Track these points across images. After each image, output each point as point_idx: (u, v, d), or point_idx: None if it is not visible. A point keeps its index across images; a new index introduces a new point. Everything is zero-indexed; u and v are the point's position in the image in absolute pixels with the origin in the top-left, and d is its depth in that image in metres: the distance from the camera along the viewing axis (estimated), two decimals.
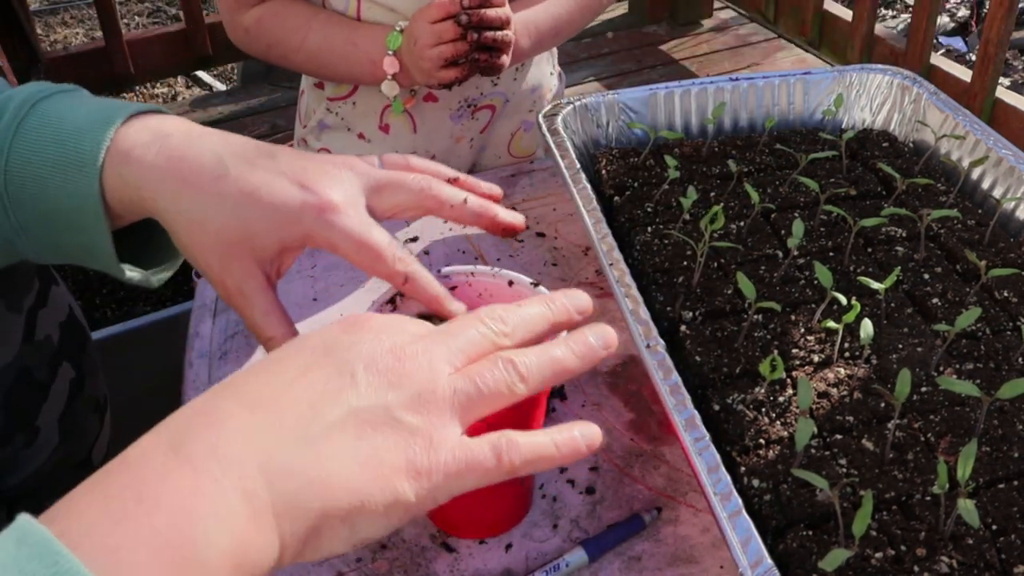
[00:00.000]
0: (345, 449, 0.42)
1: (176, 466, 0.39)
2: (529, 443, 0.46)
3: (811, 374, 0.71)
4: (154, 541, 0.36)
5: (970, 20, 3.37)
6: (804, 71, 1.07)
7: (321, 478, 0.41)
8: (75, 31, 3.72)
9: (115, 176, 0.58)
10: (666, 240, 0.86)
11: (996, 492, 0.62)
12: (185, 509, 0.37)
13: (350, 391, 0.44)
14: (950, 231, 0.87)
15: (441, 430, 0.44)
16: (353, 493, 0.41)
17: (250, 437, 0.41)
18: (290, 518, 0.40)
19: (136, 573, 0.35)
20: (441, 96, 1.15)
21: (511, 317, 0.50)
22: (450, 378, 0.46)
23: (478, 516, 0.70)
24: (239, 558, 0.38)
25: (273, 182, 0.58)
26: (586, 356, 0.50)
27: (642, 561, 0.68)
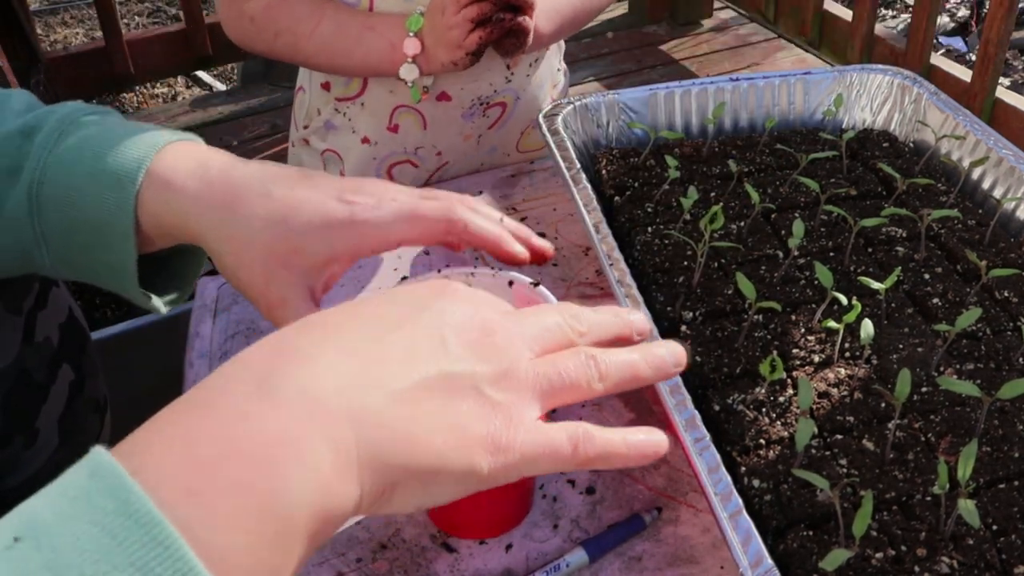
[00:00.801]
0: (433, 411, 0.42)
1: (261, 408, 0.38)
2: (604, 438, 0.46)
3: (811, 374, 0.71)
4: (236, 489, 0.35)
5: (970, 20, 3.37)
6: (804, 71, 1.07)
7: (408, 435, 0.41)
8: (75, 31, 3.72)
9: (158, 202, 0.59)
10: (666, 240, 0.86)
11: (996, 492, 0.62)
12: (270, 457, 0.36)
13: (441, 355, 0.43)
14: (950, 231, 0.87)
15: (521, 410, 0.44)
16: (436, 456, 0.41)
17: (341, 382, 0.40)
18: (372, 471, 0.40)
19: (215, 519, 0.34)
20: (455, 95, 1.13)
21: (585, 317, 0.50)
22: (532, 362, 0.46)
23: (479, 516, 0.70)
24: (321, 508, 0.37)
25: (316, 197, 0.60)
26: (659, 369, 0.50)
27: (642, 561, 0.68)
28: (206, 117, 2.78)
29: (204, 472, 0.35)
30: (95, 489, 0.32)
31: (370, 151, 1.18)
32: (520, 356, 0.46)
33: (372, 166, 1.20)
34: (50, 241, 0.61)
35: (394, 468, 0.40)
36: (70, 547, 0.31)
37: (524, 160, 1.25)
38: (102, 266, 0.62)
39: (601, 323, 0.51)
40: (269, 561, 0.35)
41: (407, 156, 1.19)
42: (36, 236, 0.61)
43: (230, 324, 0.91)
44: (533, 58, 1.18)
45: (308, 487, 0.37)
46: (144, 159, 0.60)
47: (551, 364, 0.46)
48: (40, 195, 0.60)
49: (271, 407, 0.38)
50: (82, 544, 0.31)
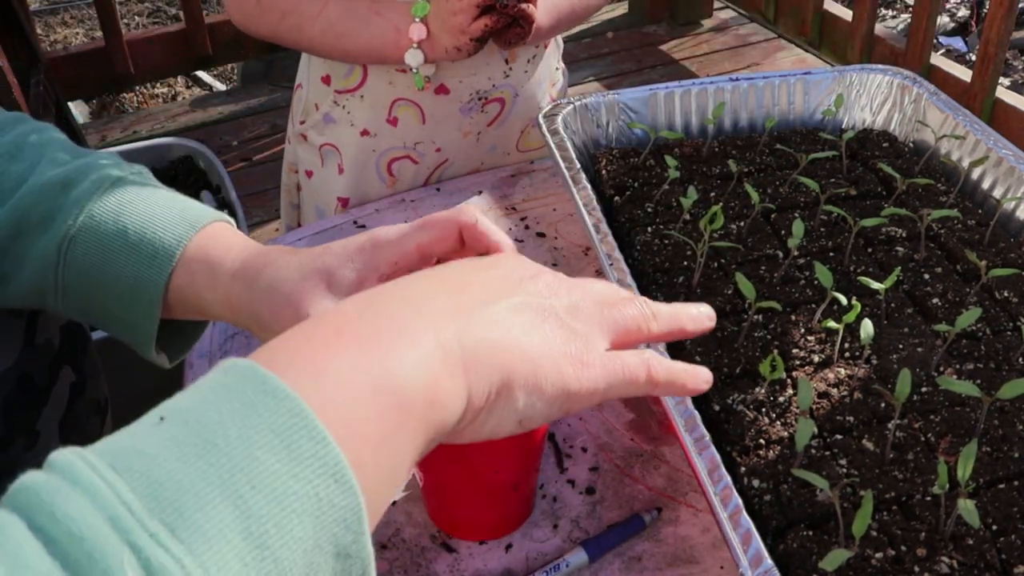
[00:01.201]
0: (522, 326, 0.46)
1: (372, 315, 0.42)
2: (670, 364, 0.51)
3: (811, 374, 0.71)
4: (357, 364, 0.39)
5: (970, 20, 3.37)
6: (804, 71, 1.07)
7: (504, 344, 0.45)
8: (75, 31, 3.72)
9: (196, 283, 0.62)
10: (666, 240, 0.86)
11: (996, 492, 0.62)
12: (384, 343, 0.40)
13: (520, 290, 0.48)
14: (950, 231, 0.87)
15: (593, 339, 0.49)
16: (531, 363, 0.45)
17: (439, 303, 0.45)
18: (477, 372, 0.43)
19: (340, 391, 0.37)
20: (453, 87, 1.13)
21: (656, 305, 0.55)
22: (597, 304, 0.51)
23: (481, 517, 0.70)
24: (432, 394, 0.40)
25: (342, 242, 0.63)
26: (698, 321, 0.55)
27: (642, 561, 0.68)
28: (206, 117, 2.78)
29: (326, 353, 0.39)
30: (231, 379, 0.36)
31: (369, 143, 1.18)
32: (586, 298, 0.50)
33: (372, 159, 1.19)
34: (69, 292, 0.63)
35: (496, 373, 0.44)
36: (214, 421, 0.34)
37: (524, 160, 1.24)
38: (118, 323, 0.65)
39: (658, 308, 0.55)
40: (389, 436, 0.38)
41: (406, 151, 1.19)
42: (56, 284, 0.63)
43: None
44: (531, 54, 1.17)
45: (419, 371, 0.40)
46: (184, 237, 0.62)
47: (613, 307, 0.51)
48: (70, 251, 0.62)
49: (381, 315, 0.42)
50: (225, 417, 0.34)
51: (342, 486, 0.34)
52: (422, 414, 0.40)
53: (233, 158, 2.57)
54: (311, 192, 1.27)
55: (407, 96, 1.13)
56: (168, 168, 1.44)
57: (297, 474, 0.34)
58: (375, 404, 0.38)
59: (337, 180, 1.21)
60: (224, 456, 0.33)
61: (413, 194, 1.10)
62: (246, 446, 0.33)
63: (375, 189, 1.21)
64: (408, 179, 1.21)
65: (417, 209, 1.07)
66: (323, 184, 1.24)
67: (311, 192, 1.27)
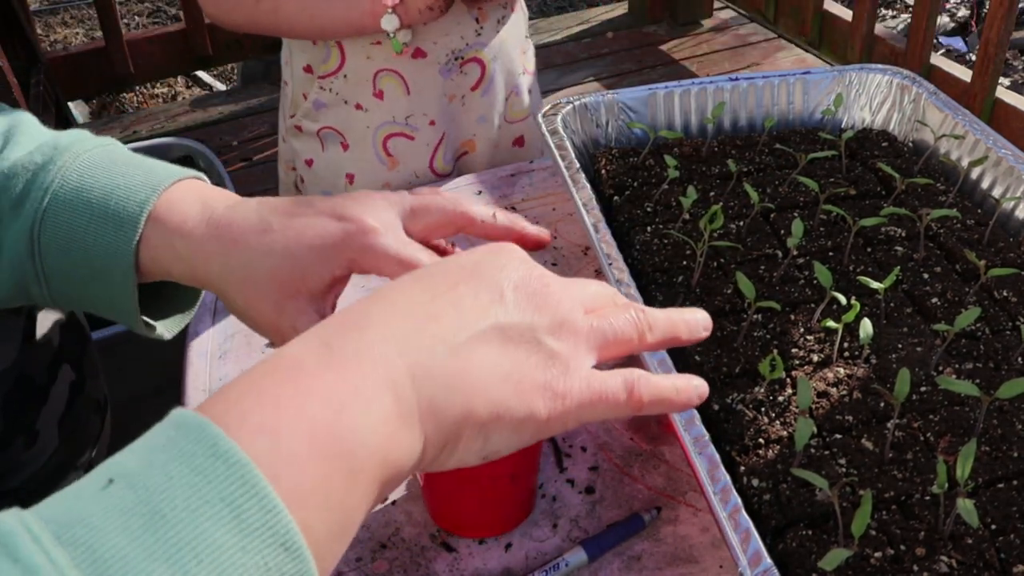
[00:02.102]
0: (489, 360, 0.44)
1: (328, 362, 0.41)
2: (656, 383, 0.49)
3: (810, 374, 0.71)
4: (310, 427, 0.37)
5: (970, 20, 3.37)
6: (804, 71, 1.07)
7: (464, 384, 0.43)
8: (75, 31, 3.72)
9: (161, 247, 0.60)
10: (666, 240, 0.86)
11: (995, 492, 0.62)
12: (338, 400, 0.39)
13: (498, 307, 0.46)
14: (949, 231, 0.87)
15: (577, 359, 0.47)
16: (493, 402, 0.43)
17: (398, 340, 0.43)
18: (434, 419, 0.42)
19: (292, 456, 0.36)
20: (429, 50, 1.17)
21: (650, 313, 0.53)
22: (587, 316, 0.48)
23: (482, 515, 0.70)
24: (386, 452, 0.40)
25: (313, 222, 0.60)
26: (693, 330, 0.54)
27: (642, 561, 0.68)
28: (206, 117, 2.78)
29: (281, 414, 0.37)
30: (181, 437, 0.35)
31: (363, 118, 1.21)
32: (576, 310, 0.48)
33: (368, 136, 1.22)
34: (50, 279, 0.62)
35: (454, 416, 0.42)
36: (162, 487, 0.33)
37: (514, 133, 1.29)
38: (102, 302, 0.63)
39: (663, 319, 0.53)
40: (341, 499, 0.38)
41: (399, 127, 1.22)
42: (36, 273, 0.61)
43: (230, 324, 0.91)
44: (500, 15, 1.22)
45: (374, 430, 0.39)
46: (146, 202, 0.60)
47: (603, 318, 0.49)
48: (42, 234, 0.60)
49: (337, 364, 0.41)
50: (174, 483, 0.33)
51: (292, 554, 0.34)
52: (375, 471, 0.39)
53: (233, 158, 2.57)
54: (315, 180, 1.29)
55: (387, 66, 1.17)
56: None
57: (246, 547, 0.33)
58: (328, 466, 0.37)
59: (343, 158, 1.24)
60: (171, 529, 0.32)
61: None
62: (194, 518, 0.33)
63: (377, 170, 1.24)
64: (408, 160, 1.24)
65: None
66: (327, 167, 1.26)
67: (315, 180, 1.29)
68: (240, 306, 0.61)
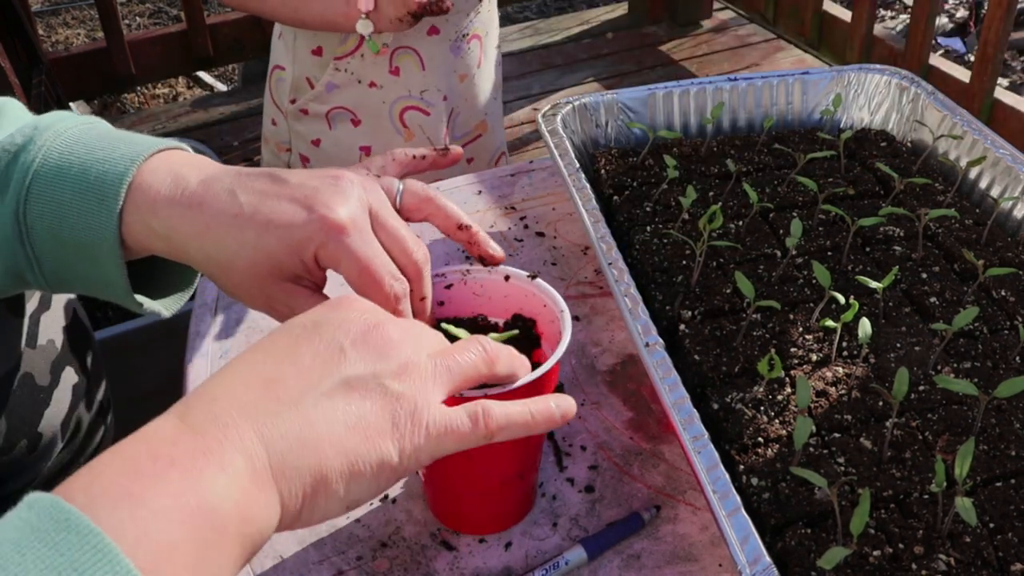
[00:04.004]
0: (335, 414, 0.46)
1: (184, 432, 0.43)
2: (503, 412, 0.51)
3: (809, 373, 0.71)
4: (170, 492, 0.39)
5: (968, 21, 3.37)
6: (803, 71, 1.08)
7: (313, 440, 0.45)
8: (76, 32, 3.72)
9: (140, 223, 0.60)
10: (665, 239, 0.86)
11: (994, 490, 0.62)
12: (196, 466, 0.41)
13: (340, 362, 0.48)
14: (948, 230, 0.87)
15: (424, 397, 0.49)
16: (344, 454, 0.46)
17: (245, 407, 0.45)
18: (287, 479, 0.44)
19: (154, 521, 0.38)
20: (442, 28, 1.23)
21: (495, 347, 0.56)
22: (431, 356, 0.51)
23: (483, 512, 0.70)
24: (245, 511, 0.41)
25: (284, 209, 0.60)
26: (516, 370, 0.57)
27: (641, 559, 0.68)
28: (207, 117, 2.79)
29: (141, 482, 0.39)
30: (34, 515, 0.36)
31: (378, 94, 1.26)
32: (418, 351, 0.51)
33: (384, 110, 1.28)
34: (41, 261, 0.61)
35: (306, 473, 0.44)
36: (16, 564, 0.35)
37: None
38: (94, 281, 0.63)
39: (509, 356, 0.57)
40: (204, 559, 0.39)
41: (415, 101, 1.28)
42: (27, 256, 0.61)
43: (230, 324, 0.91)
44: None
45: (231, 492, 0.41)
46: (125, 173, 0.59)
47: (447, 355, 0.52)
48: (27, 214, 0.60)
49: (192, 434, 0.43)
50: (26, 556, 0.35)
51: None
52: (236, 531, 0.41)
53: (234, 158, 2.57)
54: (323, 158, 1.33)
55: (405, 43, 1.23)
56: None
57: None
58: (189, 530, 0.39)
59: (354, 133, 1.29)
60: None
61: None
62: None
63: (393, 141, 1.30)
64: (424, 134, 1.30)
65: None
66: (336, 145, 1.31)
67: (323, 158, 1.33)
68: (228, 290, 0.62)
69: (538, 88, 2.92)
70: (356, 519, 0.71)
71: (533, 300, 0.69)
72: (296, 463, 0.44)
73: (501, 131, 1.46)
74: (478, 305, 0.71)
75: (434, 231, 1.03)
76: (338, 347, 0.48)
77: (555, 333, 0.66)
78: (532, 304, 0.69)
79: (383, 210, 0.63)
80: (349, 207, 0.60)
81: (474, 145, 1.39)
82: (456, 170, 1.34)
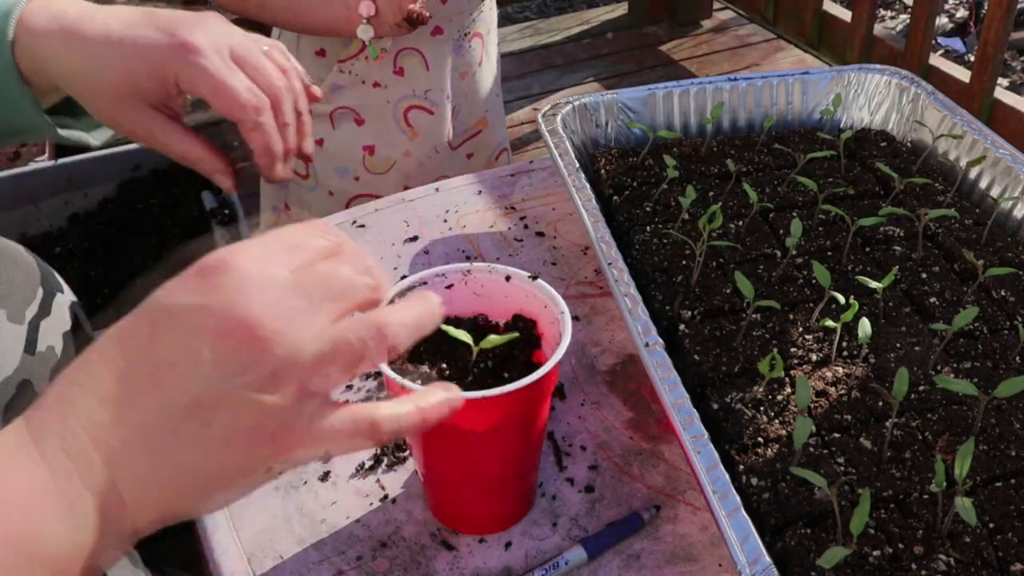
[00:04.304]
0: (193, 435, 0.42)
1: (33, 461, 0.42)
2: (392, 410, 0.47)
3: (809, 373, 0.71)
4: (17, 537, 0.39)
5: (968, 21, 3.38)
6: (803, 71, 1.08)
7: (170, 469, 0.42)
8: None
9: (25, 56, 0.66)
10: (665, 239, 0.86)
11: (993, 490, 0.62)
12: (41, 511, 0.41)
13: (196, 377, 0.42)
14: (948, 230, 0.87)
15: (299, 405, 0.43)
16: (208, 479, 0.43)
17: (97, 434, 0.42)
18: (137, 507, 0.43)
19: None
20: (446, 28, 1.25)
21: None
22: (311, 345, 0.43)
23: (482, 512, 0.70)
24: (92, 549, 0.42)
25: (147, 34, 0.67)
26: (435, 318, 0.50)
27: (641, 559, 0.68)
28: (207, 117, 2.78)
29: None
30: None
31: (383, 94, 1.27)
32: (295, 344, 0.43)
33: (387, 109, 1.29)
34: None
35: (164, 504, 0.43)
36: None
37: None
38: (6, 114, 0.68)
39: None
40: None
41: (419, 100, 1.29)
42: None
43: None
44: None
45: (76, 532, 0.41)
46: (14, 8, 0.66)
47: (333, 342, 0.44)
48: None
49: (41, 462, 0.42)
50: None
51: None
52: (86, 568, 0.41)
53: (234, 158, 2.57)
54: (328, 158, 1.34)
55: (409, 44, 1.24)
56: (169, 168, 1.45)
57: None
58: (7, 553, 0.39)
59: (357, 132, 1.31)
60: None
61: (412, 193, 1.10)
62: None
63: (397, 139, 1.31)
64: (429, 133, 1.31)
65: (417, 209, 1.07)
66: (340, 145, 1.32)
67: (328, 158, 1.34)
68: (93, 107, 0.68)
69: (538, 88, 2.92)
70: (356, 519, 0.71)
71: (534, 301, 0.69)
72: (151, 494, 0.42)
73: (502, 127, 1.47)
74: (478, 305, 0.71)
75: (433, 232, 1.03)
76: (196, 356, 0.42)
77: (555, 334, 0.66)
78: (533, 305, 0.69)
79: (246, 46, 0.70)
80: (208, 34, 0.67)
81: (475, 141, 1.39)
82: (457, 167, 1.35)
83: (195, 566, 0.77)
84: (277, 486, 0.74)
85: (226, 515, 0.71)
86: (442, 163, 1.36)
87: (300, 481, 0.74)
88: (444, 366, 0.67)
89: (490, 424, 0.62)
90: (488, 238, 1.02)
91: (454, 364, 0.67)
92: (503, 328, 0.71)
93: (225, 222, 1.33)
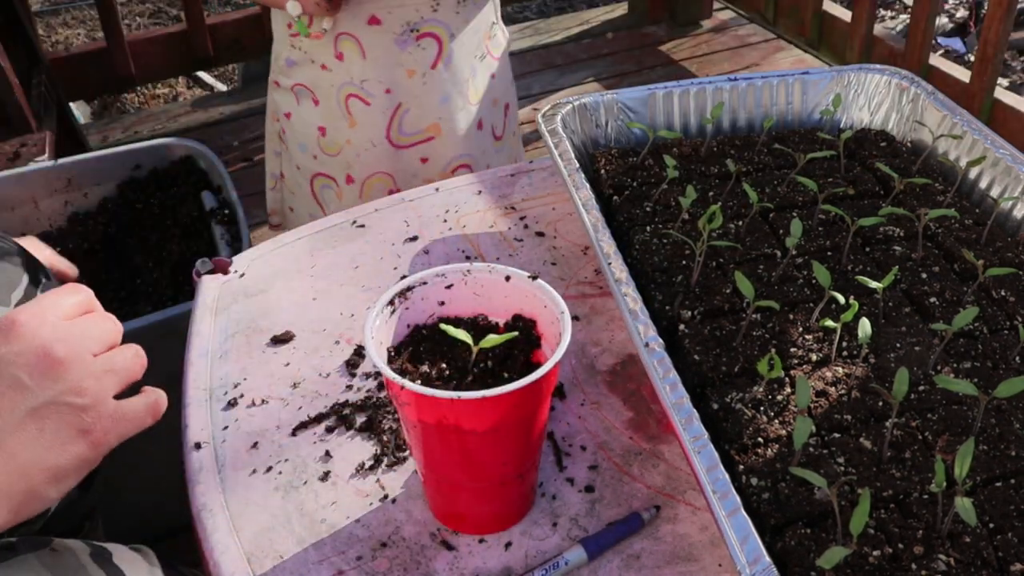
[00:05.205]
0: (31, 441, 0.58)
1: None
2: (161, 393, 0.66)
3: (809, 373, 0.71)
4: None
5: (968, 21, 3.37)
6: (803, 71, 1.08)
7: (18, 468, 0.57)
8: (76, 32, 3.72)
9: None
10: (665, 239, 0.86)
11: (993, 490, 0.62)
12: None
13: (25, 396, 0.59)
14: (948, 230, 0.87)
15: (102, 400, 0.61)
16: (46, 471, 0.58)
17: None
18: None
19: None
20: (383, 18, 1.28)
21: None
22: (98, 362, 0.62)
23: (482, 512, 0.70)
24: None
25: None
26: None
27: (641, 559, 0.68)
28: (207, 118, 2.79)
29: None
30: None
31: (328, 77, 1.33)
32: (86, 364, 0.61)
33: (332, 93, 1.34)
34: None
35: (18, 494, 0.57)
36: None
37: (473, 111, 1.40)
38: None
39: None
40: None
41: (355, 88, 1.33)
42: None
43: (230, 324, 0.91)
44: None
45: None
46: None
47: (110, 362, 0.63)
48: None
49: None
50: None
51: None
52: None
53: (234, 158, 2.57)
54: (293, 133, 1.42)
55: (346, 30, 1.28)
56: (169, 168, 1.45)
57: None
58: None
59: (314, 112, 1.37)
60: None
61: (412, 193, 1.10)
62: None
63: (340, 125, 1.36)
64: (366, 121, 1.35)
65: (417, 209, 1.07)
66: (301, 120, 1.39)
67: (293, 133, 1.42)
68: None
69: (538, 88, 2.92)
70: (356, 519, 0.71)
71: (534, 301, 0.69)
72: (7, 491, 0.56)
73: (466, 143, 1.41)
74: (478, 305, 0.72)
75: (433, 232, 1.03)
76: (19, 382, 0.59)
77: (555, 334, 0.66)
78: (533, 305, 0.69)
79: None
80: None
81: (427, 146, 1.41)
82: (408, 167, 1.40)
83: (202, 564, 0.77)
84: (277, 486, 0.74)
85: (226, 515, 0.71)
86: (384, 159, 1.38)
87: (300, 481, 0.74)
88: (444, 366, 0.67)
89: (490, 424, 0.62)
90: (488, 238, 1.02)
91: (454, 364, 0.67)
92: (503, 328, 0.71)
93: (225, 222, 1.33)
